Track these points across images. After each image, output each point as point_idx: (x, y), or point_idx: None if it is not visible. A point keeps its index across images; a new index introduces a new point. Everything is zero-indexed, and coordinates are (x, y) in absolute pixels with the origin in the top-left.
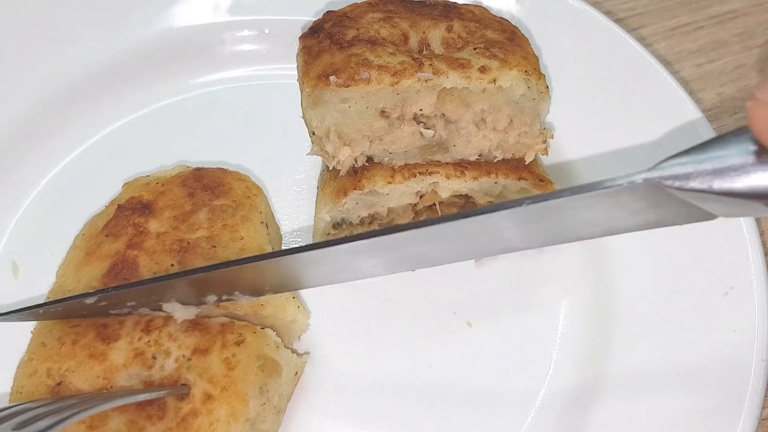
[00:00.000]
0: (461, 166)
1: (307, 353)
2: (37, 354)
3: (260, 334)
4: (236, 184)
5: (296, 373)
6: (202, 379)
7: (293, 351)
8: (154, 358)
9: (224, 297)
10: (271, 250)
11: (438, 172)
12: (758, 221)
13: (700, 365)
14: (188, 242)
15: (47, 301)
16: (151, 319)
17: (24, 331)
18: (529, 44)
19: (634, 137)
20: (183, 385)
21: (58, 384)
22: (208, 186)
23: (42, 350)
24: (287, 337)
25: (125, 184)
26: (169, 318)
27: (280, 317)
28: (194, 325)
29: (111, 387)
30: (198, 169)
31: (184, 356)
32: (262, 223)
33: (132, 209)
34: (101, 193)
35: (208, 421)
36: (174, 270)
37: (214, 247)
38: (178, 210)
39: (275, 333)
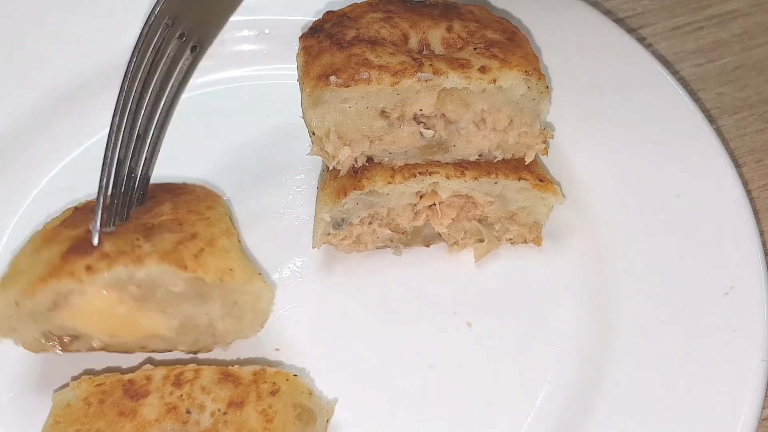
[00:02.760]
0: (461, 166)
1: (335, 399)
2: (63, 417)
3: (293, 381)
4: (196, 188)
5: (327, 420)
6: None
7: (323, 398)
8: (188, 412)
9: None
10: (239, 237)
11: (438, 172)
12: (758, 221)
13: (700, 365)
14: (153, 224)
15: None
16: (180, 373)
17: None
18: (529, 44)
19: (634, 137)
20: None
21: None
22: (169, 189)
23: (68, 412)
24: (250, 317)
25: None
26: (199, 370)
27: (245, 290)
28: (226, 376)
29: None
30: (163, 184)
31: (219, 410)
32: (226, 214)
33: (91, 209)
34: None
35: None
36: (139, 244)
37: (181, 225)
38: (140, 208)
39: (239, 311)
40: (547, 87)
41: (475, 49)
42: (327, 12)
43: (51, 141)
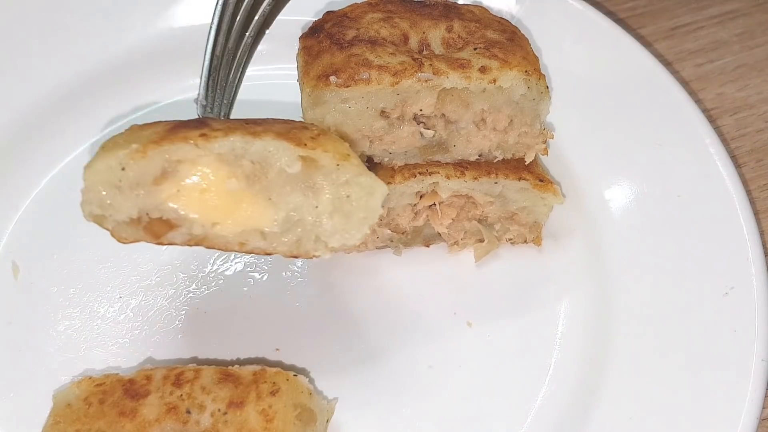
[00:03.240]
0: (461, 166)
1: (335, 399)
2: (63, 417)
3: (293, 382)
4: None
5: (327, 420)
6: None
7: (323, 397)
8: (188, 412)
9: None
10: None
11: (438, 172)
12: (758, 221)
13: (700, 365)
14: (259, 121)
15: (99, 151)
16: (180, 373)
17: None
18: (529, 44)
19: (634, 137)
20: None
21: None
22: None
23: (68, 412)
24: (359, 215)
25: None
26: (199, 370)
27: (361, 182)
28: (226, 376)
29: None
30: None
31: (219, 410)
32: None
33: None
34: None
35: None
36: (251, 126)
37: (288, 123)
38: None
39: (350, 206)
40: (547, 87)
41: (475, 49)
42: (327, 12)
43: (51, 141)
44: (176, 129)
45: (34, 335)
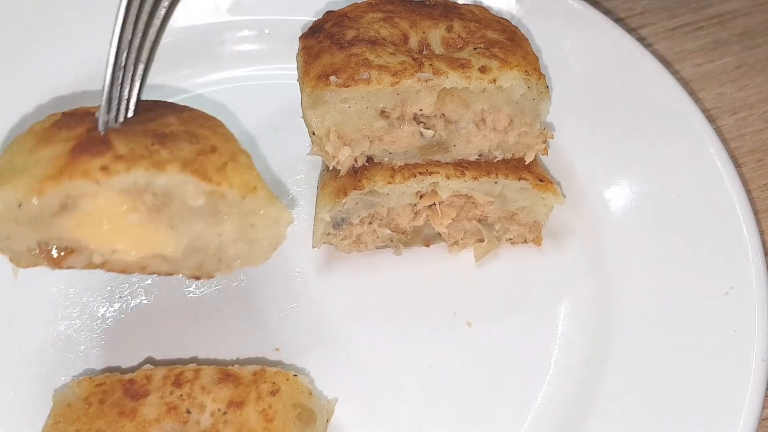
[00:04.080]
0: (461, 166)
1: (335, 398)
2: (63, 417)
3: (293, 382)
4: (195, 109)
5: (327, 420)
6: None
7: (323, 397)
8: (188, 412)
9: None
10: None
11: (438, 172)
12: (758, 221)
13: (700, 365)
14: (164, 132)
15: None
16: (180, 373)
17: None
18: (529, 44)
19: (634, 137)
20: None
21: None
22: (166, 105)
23: (68, 412)
24: (263, 243)
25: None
26: (199, 370)
27: (266, 211)
28: (226, 375)
29: None
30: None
31: (219, 410)
32: (233, 136)
33: (83, 114)
34: None
35: None
36: (155, 149)
37: (195, 137)
38: (140, 117)
39: (254, 235)
40: (547, 87)
41: (475, 49)
42: (327, 12)
43: None
44: (76, 155)
45: (34, 335)
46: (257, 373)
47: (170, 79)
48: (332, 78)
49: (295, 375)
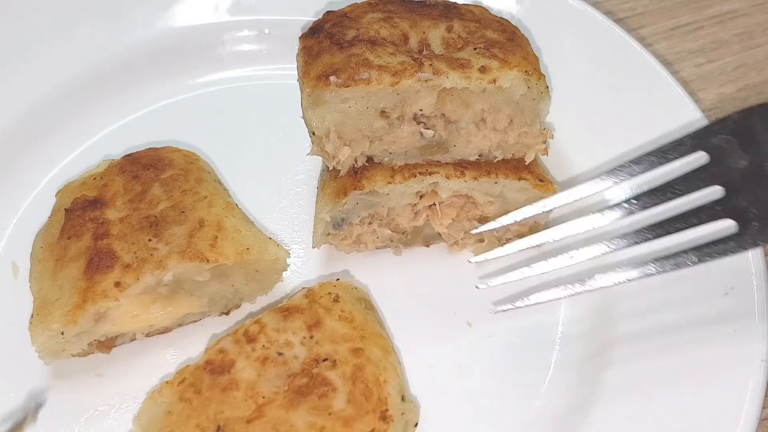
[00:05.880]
0: (461, 166)
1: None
2: (170, 423)
3: (341, 285)
4: (174, 155)
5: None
6: (337, 344)
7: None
8: (280, 354)
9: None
10: (235, 203)
11: (438, 172)
12: None
13: (700, 365)
14: (155, 216)
15: (36, 320)
16: (245, 331)
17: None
18: (529, 44)
19: (634, 137)
20: (325, 360)
21: (219, 430)
22: (148, 165)
23: (172, 418)
24: (271, 276)
25: (58, 193)
26: (260, 320)
27: (264, 259)
28: (286, 311)
29: (263, 398)
30: (129, 155)
31: (305, 337)
32: (215, 180)
33: (82, 208)
34: None
35: (373, 371)
36: (153, 246)
37: (183, 212)
38: (130, 194)
39: (261, 276)
40: (547, 87)
41: (475, 49)
42: (327, 12)
43: (51, 141)
44: (90, 275)
45: None
46: (308, 295)
47: (170, 79)
48: (332, 78)
49: (338, 279)
